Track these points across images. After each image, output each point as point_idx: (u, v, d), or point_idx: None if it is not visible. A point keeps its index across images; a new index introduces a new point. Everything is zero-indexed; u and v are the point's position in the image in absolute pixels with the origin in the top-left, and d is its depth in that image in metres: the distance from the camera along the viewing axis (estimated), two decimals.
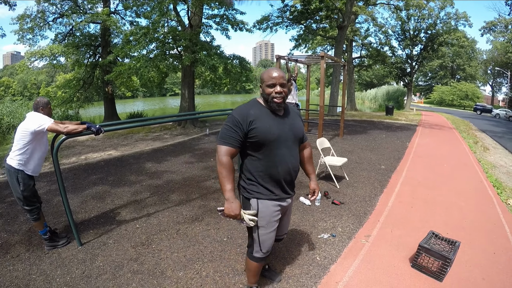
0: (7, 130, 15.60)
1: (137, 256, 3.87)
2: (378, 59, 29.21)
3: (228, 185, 2.41)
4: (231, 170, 2.43)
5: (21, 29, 17.87)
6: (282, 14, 22.45)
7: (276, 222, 2.68)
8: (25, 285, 3.34)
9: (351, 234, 4.43)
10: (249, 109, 2.49)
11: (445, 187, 6.47)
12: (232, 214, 2.40)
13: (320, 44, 29.36)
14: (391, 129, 14.98)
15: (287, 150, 2.54)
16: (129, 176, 7.25)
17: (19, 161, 3.71)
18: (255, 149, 2.51)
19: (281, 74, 2.46)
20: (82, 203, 5.60)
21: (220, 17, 16.00)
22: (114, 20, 17.28)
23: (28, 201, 3.85)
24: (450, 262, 3.28)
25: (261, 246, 2.72)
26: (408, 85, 34.95)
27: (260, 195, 2.57)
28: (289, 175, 2.60)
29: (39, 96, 4.16)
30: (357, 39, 29.17)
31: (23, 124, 3.69)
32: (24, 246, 4.19)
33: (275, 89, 2.43)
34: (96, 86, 21.25)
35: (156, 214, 5.14)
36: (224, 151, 2.43)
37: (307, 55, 12.87)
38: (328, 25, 24.59)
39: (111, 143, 11.53)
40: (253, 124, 2.41)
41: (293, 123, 2.62)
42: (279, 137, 2.47)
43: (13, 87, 79.73)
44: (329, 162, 6.59)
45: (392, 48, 31.86)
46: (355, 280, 3.35)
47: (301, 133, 2.69)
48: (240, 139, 2.45)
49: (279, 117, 2.54)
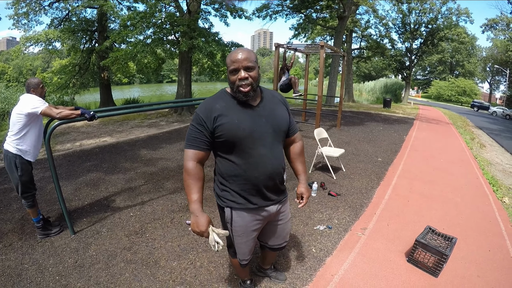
0: (2, 116, 15.42)
1: (130, 245, 3.81)
2: (378, 51, 29.17)
3: (194, 194, 2.05)
4: (198, 177, 2.07)
5: (16, 13, 17.60)
6: (282, 2, 22.29)
7: (255, 232, 2.34)
8: (17, 275, 3.28)
9: (347, 226, 4.39)
10: (214, 102, 2.07)
11: (441, 182, 6.43)
12: (197, 231, 2.05)
13: (320, 34, 29.22)
14: (389, 122, 14.97)
15: (265, 149, 2.09)
16: (123, 163, 7.18)
17: (16, 146, 3.65)
18: (226, 151, 2.11)
19: (246, 55, 1.95)
20: (75, 191, 5.52)
21: (219, 4, 15.85)
22: (111, 5, 17.01)
23: (25, 187, 3.79)
24: (447, 258, 3.24)
25: (238, 253, 2.47)
26: (406, 78, 34.95)
27: (235, 204, 2.19)
28: (270, 180, 2.16)
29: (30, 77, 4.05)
30: (357, 30, 29.08)
31: (17, 107, 3.61)
32: (16, 235, 4.12)
33: (239, 74, 1.95)
34: (92, 72, 21.08)
35: (150, 202, 5.08)
36: (190, 155, 2.07)
37: (307, 44, 12.75)
38: (328, 15, 24.43)
39: (106, 129, 11.43)
40: (218, 121, 2.00)
41: (272, 113, 2.14)
42: (252, 133, 2.03)
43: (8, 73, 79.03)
44: (326, 152, 6.54)
45: (392, 40, 31.78)
46: (350, 273, 3.31)
47: (284, 125, 2.21)
48: (207, 140, 2.06)
49: (251, 108, 2.08)
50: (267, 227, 2.49)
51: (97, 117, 3.93)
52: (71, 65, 20.70)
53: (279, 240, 2.60)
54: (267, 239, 2.60)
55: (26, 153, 3.71)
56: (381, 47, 29.23)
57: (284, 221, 2.51)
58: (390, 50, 31.70)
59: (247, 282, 2.98)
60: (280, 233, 2.55)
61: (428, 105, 36.14)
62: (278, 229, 2.52)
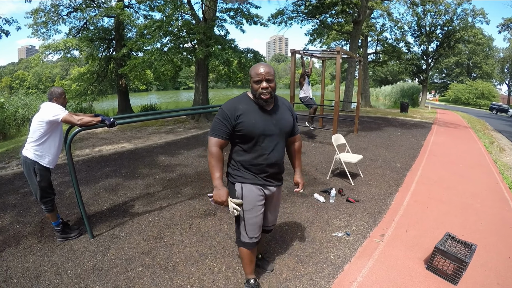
0: (22, 122, 15.79)
1: (149, 250, 3.86)
2: (394, 55, 28.87)
3: (217, 173, 2.55)
4: (219, 159, 2.58)
5: (35, 23, 18.08)
6: (296, 8, 22.28)
7: (261, 207, 2.78)
8: (36, 277, 3.35)
9: (365, 233, 4.36)
10: (238, 103, 2.59)
11: (460, 188, 6.33)
12: (219, 200, 2.54)
13: (335, 39, 29.10)
14: (406, 127, 14.78)
15: (271, 144, 2.63)
16: (142, 169, 7.27)
17: (35, 152, 3.72)
18: (242, 141, 2.62)
19: (268, 69, 2.49)
20: (94, 195, 5.63)
21: (235, 11, 15.94)
22: (128, 13, 17.32)
23: (44, 192, 3.86)
24: (466, 265, 3.19)
25: (247, 230, 2.81)
26: (423, 82, 34.44)
27: (243, 179, 2.69)
28: (272, 168, 2.71)
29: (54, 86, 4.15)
30: (373, 35, 28.82)
31: (38, 115, 3.69)
32: (36, 238, 4.21)
33: (261, 85, 2.48)
34: (110, 79, 21.43)
35: (168, 207, 5.13)
36: (214, 142, 2.57)
37: (322, 49, 12.74)
38: (343, 20, 24.34)
39: (124, 135, 11.59)
40: (240, 119, 2.52)
41: (281, 117, 2.68)
42: (263, 131, 2.56)
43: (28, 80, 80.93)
44: (344, 158, 6.51)
45: (407, 44, 31.45)
46: (369, 281, 3.29)
47: (288, 127, 2.75)
48: (229, 131, 2.56)
49: (266, 112, 2.61)
50: (267, 206, 2.95)
51: (116, 124, 3.99)
52: (89, 72, 21.11)
53: (272, 221, 3.13)
54: (265, 218, 3.03)
55: (45, 160, 3.78)
56: (397, 50, 28.91)
57: (276, 206, 3.07)
58: (406, 54, 31.36)
59: (251, 281, 3.07)
60: (272, 215, 3.08)
61: (445, 108, 35.62)
62: (271, 211, 3.03)
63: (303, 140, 10.53)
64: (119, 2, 18.44)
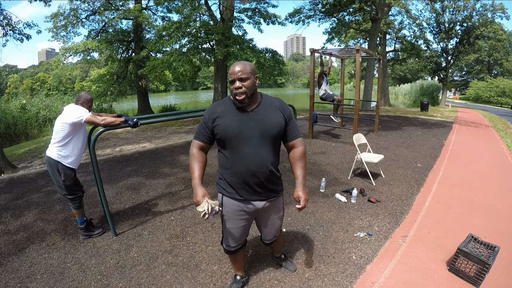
0: (44, 123, 16.13)
1: (171, 248, 3.91)
2: (413, 52, 28.43)
3: (195, 172, 2.44)
4: (198, 160, 2.48)
5: (55, 26, 18.50)
6: (314, 7, 22.17)
7: (242, 221, 2.66)
8: (59, 273, 3.42)
9: (387, 233, 4.32)
10: (217, 106, 2.50)
11: (483, 188, 6.20)
12: (194, 200, 2.40)
13: (353, 37, 28.83)
14: (427, 126, 14.55)
15: (250, 149, 2.39)
16: (163, 168, 7.35)
17: (58, 153, 3.80)
18: (221, 146, 2.52)
19: (241, 68, 2.32)
20: (117, 194, 5.73)
21: (252, 11, 15.98)
22: (146, 16, 17.58)
23: (70, 190, 3.95)
24: (489, 267, 3.14)
25: (224, 237, 2.81)
26: (443, 80, 33.87)
27: (225, 192, 2.59)
28: (254, 176, 2.45)
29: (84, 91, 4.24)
30: (391, 32, 28.47)
31: (61, 117, 3.77)
32: (59, 235, 4.30)
33: (234, 85, 2.32)
34: (130, 80, 21.72)
35: (190, 207, 5.18)
36: (195, 144, 2.51)
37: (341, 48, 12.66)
38: (361, 18, 24.13)
39: (145, 135, 11.75)
40: (216, 121, 2.41)
41: (263, 118, 2.42)
42: (239, 134, 2.37)
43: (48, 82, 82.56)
44: (366, 158, 6.46)
45: (426, 41, 30.95)
46: (391, 282, 3.27)
47: (273, 130, 2.44)
48: (208, 135, 2.48)
49: (245, 113, 2.41)
50: (259, 220, 2.84)
51: (140, 124, 4.05)
52: (108, 74, 21.48)
53: (269, 236, 2.94)
54: (260, 232, 2.96)
55: (68, 160, 3.86)
56: (416, 48, 28.45)
57: (273, 218, 2.83)
58: (426, 51, 30.88)
59: (237, 277, 3.16)
60: (270, 228, 2.88)
61: (466, 107, 34.96)
62: (268, 224, 2.84)
63: (323, 140, 10.51)
64: (137, 5, 18.69)
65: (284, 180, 3.42)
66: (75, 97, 4.03)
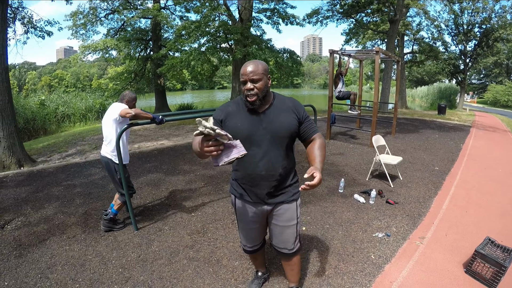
0: (62, 118, 16.45)
1: (193, 244, 3.98)
2: (431, 54, 28.12)
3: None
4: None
5: (74, 24, 18.80)
6: (332, 8, 22.13)
7: (253, 223, 2.62)
8: (80, 265, 3.51)
9: (405, 234, 4.35)
10: (228, 106, 2.40)
11: (500, 193, 6.15)
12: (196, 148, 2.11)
13: (371, 38, 28.61)
14: (444, 129, 14.41)
15: (260, 152, 2.28)
16: (182, 165, 7.46)
17: (112, 152, 4.02)
18: None
19: (253, 68, 2.17)
20: (137, 190, 5.79)
21: (271, 11, 16.03)
22: (164, 15, 17.75)
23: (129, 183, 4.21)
24: (505, 270, 3.16)
25: (240, 236, 2.85)
26: (461, 83, 33.41)
27: (236, 193, 2.57)
28: (263, 180, 2.34)
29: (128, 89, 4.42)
30: (409, 34, 28.20)
31: (105, 116, 4.03)
32: (80, 228, 4.40)
33: (246, 86, 2.20)
34: (148, 79, 21.94)
35: (211, 203, 5.26)
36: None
37: (359, 49, 12.63)
38: (379, 19, 23.98)
39: (163, 133, 11.89)
40: (225, 122, 2.33)
41: (274, 120, 2.28)
42: (249, 136, 2.25)
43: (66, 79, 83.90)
44: (384, 160, 6.47)
45: (444, 43, 30.57)
46: (409, 281, 3.31)
47: (284, 132, 2.29)
48: None
49: (256, 114, 2.29)
50: (269, 224, 2.67)
51: (165, 121, 4.26)
52: (126, 71, 21.73)
53: (279, 243, 2.68)
54: (271, 236, 2.74)
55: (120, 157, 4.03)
56: (434, 50, 28.14)
57: (282, 226, 2.58)
58: (444, 53, 30.52)
59: (259, 273, 3.21)
60: (278, 235, 2.64)
61: (484, 111, 34.44)
62: (276, 231, 2.63)
63: (341, 141, 10.52)
64: (155, 4, 18.91)
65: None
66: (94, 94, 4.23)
